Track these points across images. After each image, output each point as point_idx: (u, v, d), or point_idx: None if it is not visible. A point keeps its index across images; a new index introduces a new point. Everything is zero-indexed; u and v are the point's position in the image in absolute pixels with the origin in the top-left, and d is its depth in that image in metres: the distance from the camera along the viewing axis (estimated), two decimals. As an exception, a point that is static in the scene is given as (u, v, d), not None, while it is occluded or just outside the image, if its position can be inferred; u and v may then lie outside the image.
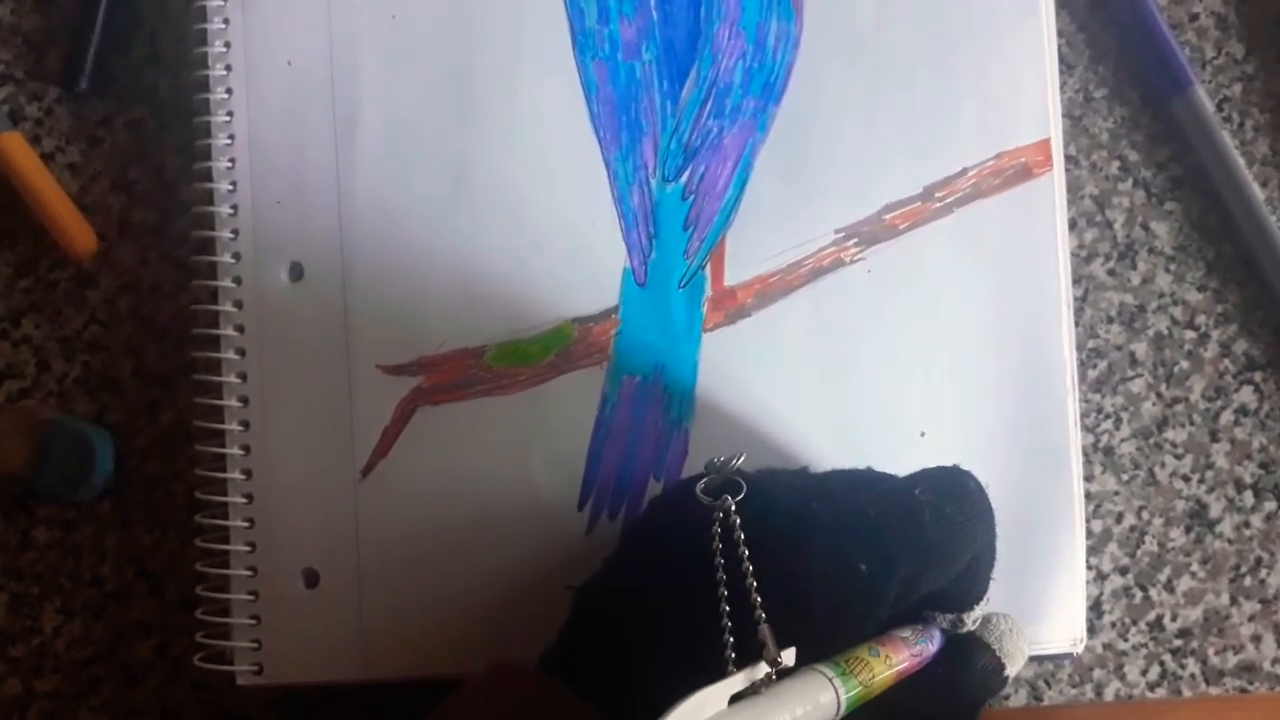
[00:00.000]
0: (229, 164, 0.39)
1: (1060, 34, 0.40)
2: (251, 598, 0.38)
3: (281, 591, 0.38)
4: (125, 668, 0.40)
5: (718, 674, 0.27)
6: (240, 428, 0.38)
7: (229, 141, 0.39)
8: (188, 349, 0.39)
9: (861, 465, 0.37)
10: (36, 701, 0.40)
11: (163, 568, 0.40)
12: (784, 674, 0.28)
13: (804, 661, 0.29)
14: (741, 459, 0.30)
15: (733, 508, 0.29)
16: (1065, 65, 0.41)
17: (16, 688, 0.40)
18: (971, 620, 0.33)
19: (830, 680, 0.29)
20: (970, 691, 0.33)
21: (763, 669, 0.28)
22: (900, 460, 0.34)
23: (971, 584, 0.32)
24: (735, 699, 0.27)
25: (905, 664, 0.31)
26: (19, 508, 0.40)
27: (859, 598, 0.30)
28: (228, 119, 0.39)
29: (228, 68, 0.39)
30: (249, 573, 0.38)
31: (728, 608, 0.28)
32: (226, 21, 0.39)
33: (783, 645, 0.28)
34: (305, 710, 0.40)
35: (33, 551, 0.40)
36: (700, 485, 0.30)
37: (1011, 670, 0.33)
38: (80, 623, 0.40)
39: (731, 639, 0.28)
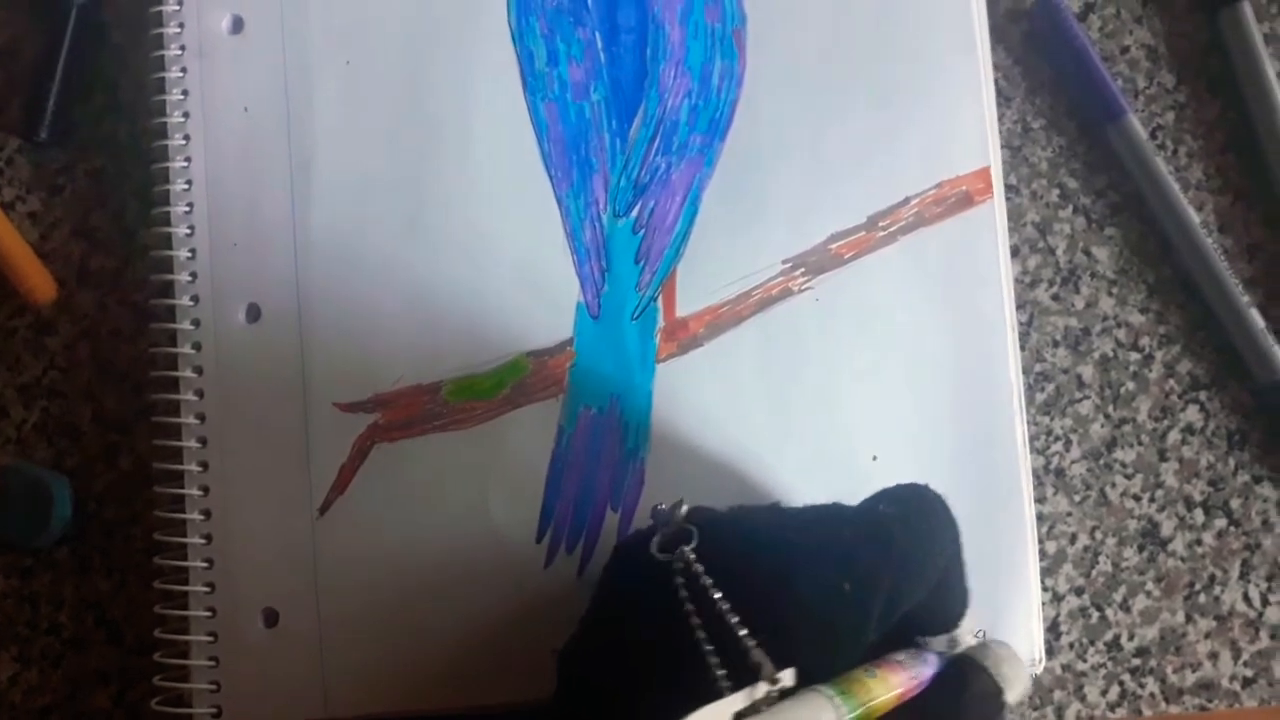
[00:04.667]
0: (187, 208, 0.39)
1: (997, 68, 0.42)
2: (210, 639, 0.38)
3: (240, 632, 0.38)
4: (83, 716, 0.39)
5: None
6: (199, 468, 0.38)
7: (186, 186, 0.39)
8: (146, 393, 0.40)
9: (815, 488, 0.37)
10: (-7, 752, 0.39)
11: (121, 614, 0.40)
12: (786, 695, 0.28)
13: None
14: (685, 508, 0.31)
15: (691, 557, 0.29)
16: (1003, 97, 0.42)
17: (-28, 739, 0.39)
18: (965, 638, 0.33)
19: (831, 699, 0.28)
20: (970, 716, 0.32)
21: (763, 689, 0.28)
22: (854, 483, 0.35)
23: (949, 596, 0.33)
24: (738, 719, 0.27)
25: (903, 687, 0.31)
26: (-24, 556, 0.40)
27: (846, 618, 0.30)
28: (186, 164, 0.39)
29: (185, 114, 0.40)
30: (208, 613, 0.38)
31: (711, 646, 0.28)
32: (184, 70, 0.40)
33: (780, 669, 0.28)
34: (266, 753, 0.39)
35: (-10, 600, 0.40)
36: (654, 543, 0.30)
37: (1011, 697, 0.33)
38: (37, 671, 0.40)
39: (723, 672, 0.28)
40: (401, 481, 0.38)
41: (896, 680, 0.31)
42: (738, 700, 0.27)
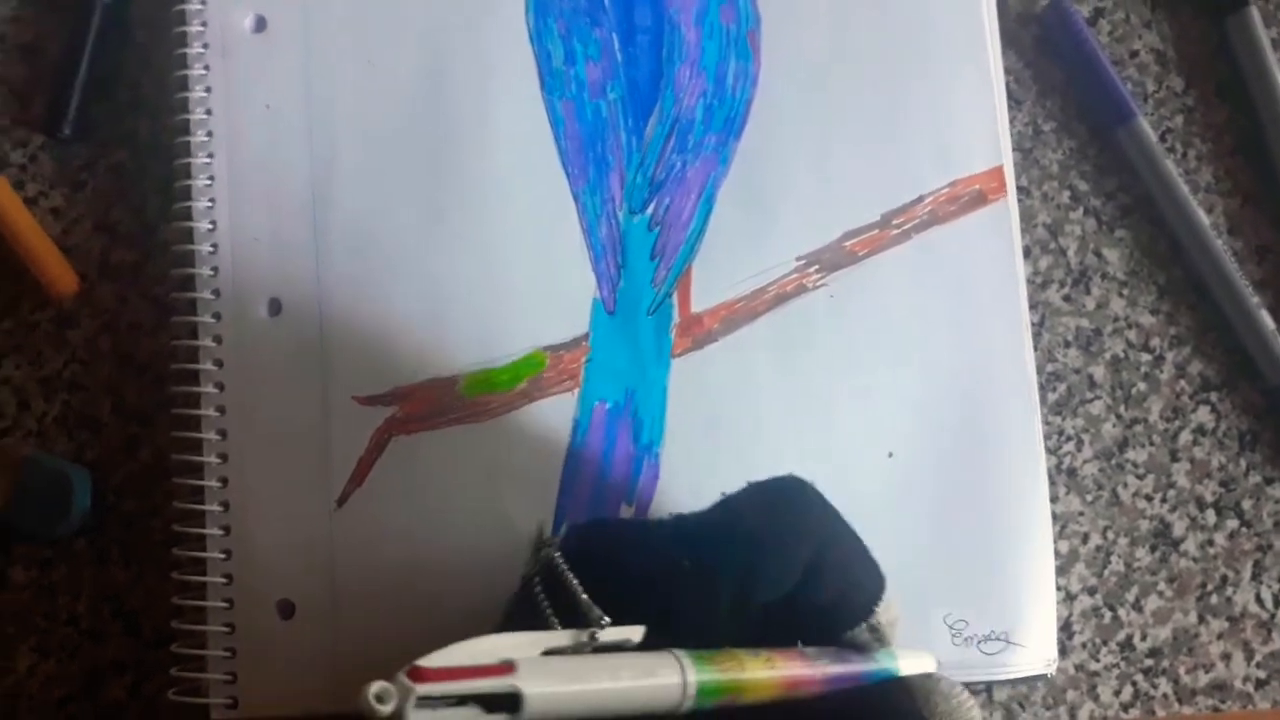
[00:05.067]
0: (209, 203, 0.40)
1: (1008, 71, 0.42)
2: (227, 630, 0.38)
3: (257, 623, 0.38)
4: (100, 706, 0.40)
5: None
6: (218, 460, 0.39)
7: (209, 182, 0.40)
8: (167, 386, 0.40)
9: (830, 484, 0.37)
10: (9, 743, 0.39)
11: (139, 605, 0.40)
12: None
13: None
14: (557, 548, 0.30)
15: (556, 555, 0.29)
16: (1014, 100, 0.43)
17: (-11, 730, 0.39)
18: (886, 629, 0.32)
19: (679, 659, 0.27)
20: None
21: (586, 634, 0.27)
22: (870, 479, 0.35)
23: (841, 579, 0.31)
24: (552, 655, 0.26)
25: (795, 674, 0.29)
26: (-4, 547, 0.40)
27: (687, 593, 0.29)
28: (208, 160, 0.40)
29: (208, 111, 0.40)
30: (225, 604, 0.38)
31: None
32: (207, 68, 0.40)
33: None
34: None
35: (9, 591, 0.40)
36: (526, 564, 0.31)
37: None
38: (55, 662, 0.40)
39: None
40: (419, 474, 0.38)
41: (787, 665, 0.30)
42: (560, 636, 0.26)
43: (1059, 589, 0.40)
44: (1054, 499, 0.41)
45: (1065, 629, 0.41)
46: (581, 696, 0.25)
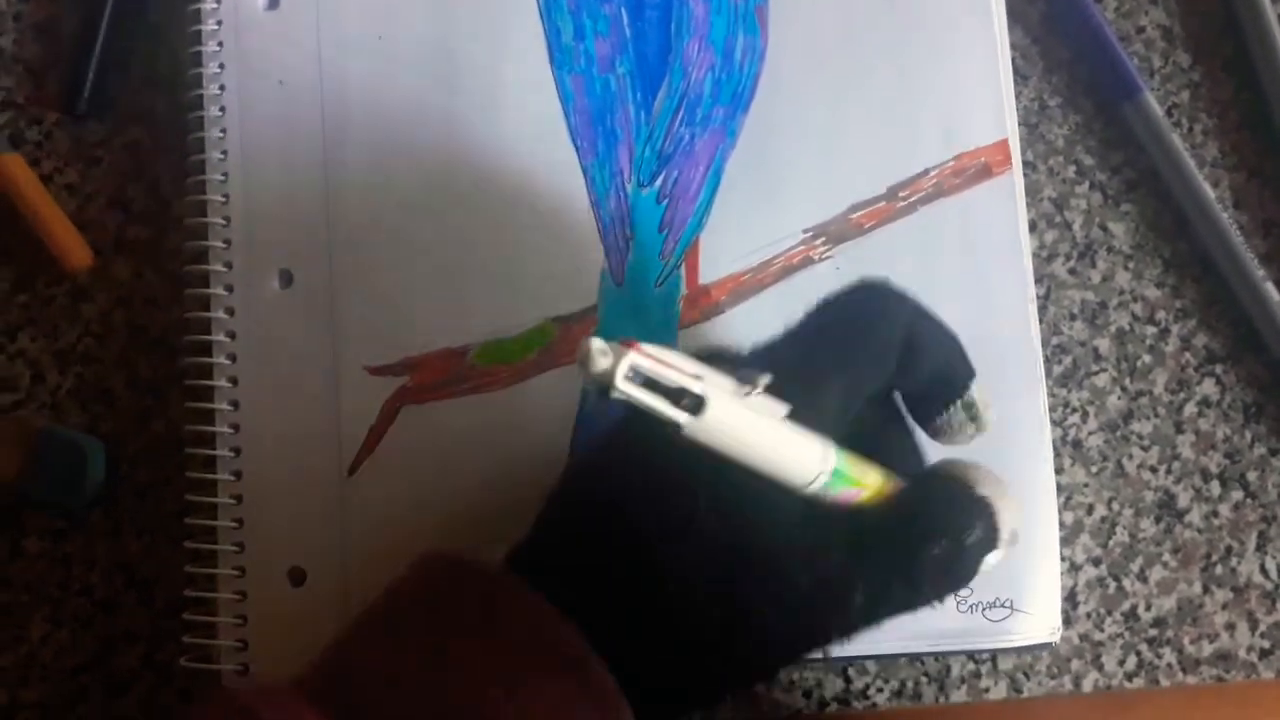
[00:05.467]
0: (222, 177, 0.40)
1: (1015, 47, 0.42)
2: (239, 597, 0.38)
3: (268, 590, 0.38)
4: (113, 675, 0.40)
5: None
6: (230, 430, 0.39)
7: (222, 156, 0.40)
8: (179, 359, 0.41)
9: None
10: (22, 712, 0.40)
11: (151, 576, 0.41)
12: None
13: None
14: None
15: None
16: (1020, 76, 0.43)
17: (3, 698, 0.40)
18: (983, 410, 0.32)
19: (825, 445, 0.28)
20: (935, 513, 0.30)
21: (754, 382, 0.27)
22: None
23: (931, 362, 0.31)
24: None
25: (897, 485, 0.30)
26: (11, 518, 0.41)
27: (804, 396, 0.28)
28: (221, 135, 0.40)
29: (222, 87, 0.41)
30: (236, 573, 0.38)
31: None
32: (221, 44, 0.41)
33: None
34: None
35: (23, 561, 0.41)
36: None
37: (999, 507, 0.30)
38: (68, 631, 0.40)
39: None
40: (429, 443, 0.39)
41: (891, 482, 0.30)
42: (726, 382, 0.26)
43: (1064, 560, 0.41)
44: (1059, 470, 0.41)
45: (1070, 599, 0.41)
46: (747, 428, 0.26)
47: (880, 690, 0.40)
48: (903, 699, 0.40)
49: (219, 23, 0.41)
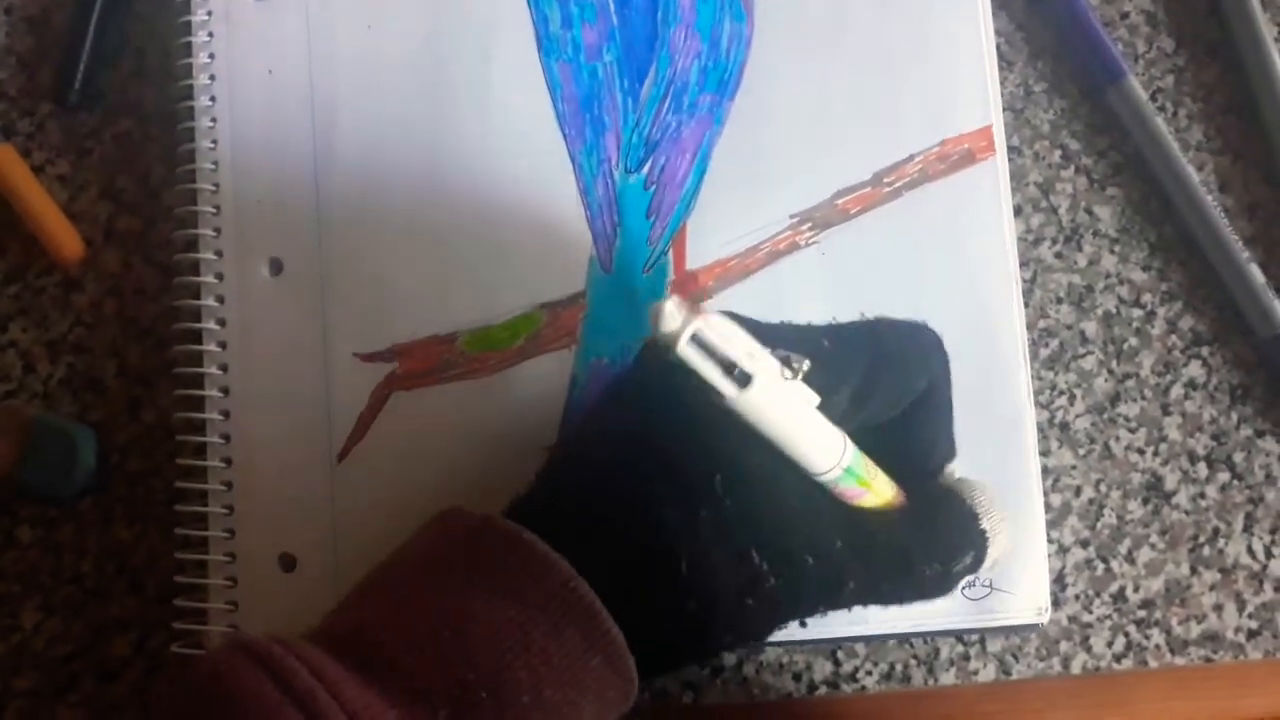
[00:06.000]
0: (212, 166, 0.40)
1: (999, 33, 0.43)
2: (229, 583, 0.38)
3: (258, 576, 0.38)
4: (104, 663, 0.40)
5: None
6: (221, 417, 0.39)
7: (212, 146, 0.41)
8: (169, 349, 0.41)
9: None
10: (15, 700, 0.40)
11: (142, 563, 0.41)
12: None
13: None
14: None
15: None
16: (1005, 62, 0.43)
17: (-4, 686, 0.40)
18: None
19: (845, 440, 0.30)
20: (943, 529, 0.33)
21: (794, 365, 0.29)
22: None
23: (933, 427, 0.34)
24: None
25: (900, 499, 0.32)
26: (2, 507, 0.41)
27: (820, 372, 0.29)
28: (211, 125, 0.41)
29: (211, 77, 0.41)
30: (227, 558, 0.39)
31: None
32: (211, 34, 0.41)
33: None
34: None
35: (15, 550, 0.41)
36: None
37: (989, 527, 0.33)
38: (60, 619, 0.41)
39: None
40: (418, 429, 0.39)
41: (897, 492, 0.32)
42: (772, 366, 0.28)
43: (1052, 542, 0.41)
44: (1047, 453, 0.41)
45: (1058, 581, 0.41)
46: (784, 408, 0.28)
47: (869, 673, 0.40)
48: (891, 681, 0.40)
49: (209, 13, 0.41)
